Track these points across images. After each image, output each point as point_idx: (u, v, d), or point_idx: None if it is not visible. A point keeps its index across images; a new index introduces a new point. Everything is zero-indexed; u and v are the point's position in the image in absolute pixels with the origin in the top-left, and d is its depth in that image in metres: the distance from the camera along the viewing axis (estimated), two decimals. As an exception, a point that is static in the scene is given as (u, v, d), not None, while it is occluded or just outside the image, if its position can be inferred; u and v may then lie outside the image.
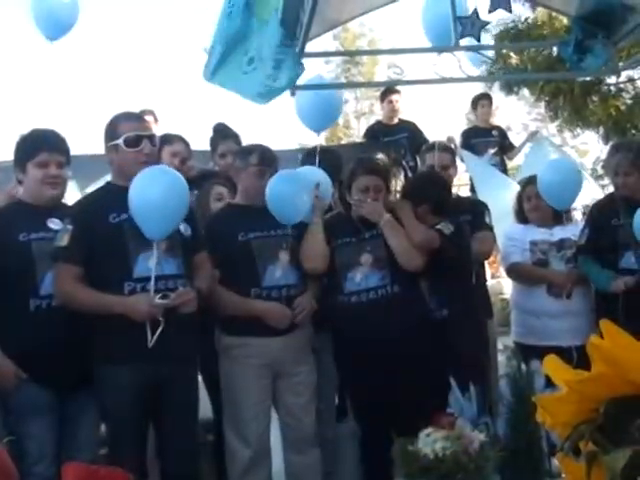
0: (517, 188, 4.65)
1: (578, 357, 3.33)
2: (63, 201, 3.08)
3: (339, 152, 4.61)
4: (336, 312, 3.39)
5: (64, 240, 2.80)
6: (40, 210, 2.93)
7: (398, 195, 3.90)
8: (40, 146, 2.92)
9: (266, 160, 3.37)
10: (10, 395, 2.76)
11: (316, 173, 3.66)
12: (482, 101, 6.78)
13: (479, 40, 4.24)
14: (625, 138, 7.25)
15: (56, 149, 2.95)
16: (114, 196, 2.89)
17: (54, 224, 2.91)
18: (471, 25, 3.98)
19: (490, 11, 3.97)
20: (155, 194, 2.76)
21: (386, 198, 3.53)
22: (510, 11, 4.19)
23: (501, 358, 3.53)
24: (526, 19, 9.22)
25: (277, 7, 3.24)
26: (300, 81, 3.37)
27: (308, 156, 4.03)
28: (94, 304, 2.79)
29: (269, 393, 3.29)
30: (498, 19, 6.59)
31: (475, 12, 3.97)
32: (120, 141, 2.88)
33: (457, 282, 3.48)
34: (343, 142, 15.64)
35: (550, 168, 4.06)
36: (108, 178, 3.12)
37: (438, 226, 3.43)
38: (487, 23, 4.11)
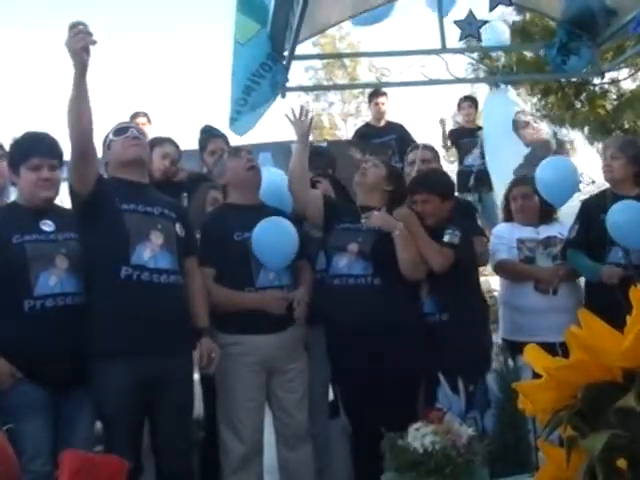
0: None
1: (562, 353, 3.38)
2: (57, 202, 3.12)
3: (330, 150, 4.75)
4: (321, 293, 3.45)
5: None
6: (33, 212, 2.97)
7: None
8: (33, 150, 2.96)
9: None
10: (5, 394, 2.78)
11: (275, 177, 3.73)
12: (464, 103, 6.89)
13: (480, 39, 4.29)
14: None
15: (49, 153, 2.99)
16: (115, 187, 3.00)
17: (47, 226, 2.95)
18: (469, 25, 4.03)
19: (491, 8, 4.01)
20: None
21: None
22: (511, 4, 4.23)
23: (489, 354, 3.58)
24: (513, 22, 9.32)
25: (256, 28, 3.34)
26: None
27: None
28: None
29: (263, 390, 3.33)
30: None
31: (470, 13, 4.02)
32: (110, 135, 3.08)
33: (461, 286, 3.51)
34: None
35: (548, 166, 4.12)
36: None
37: (446, 238, 3.45)
38: (485, 22, 4.15)
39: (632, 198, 3.77)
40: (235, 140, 4.07)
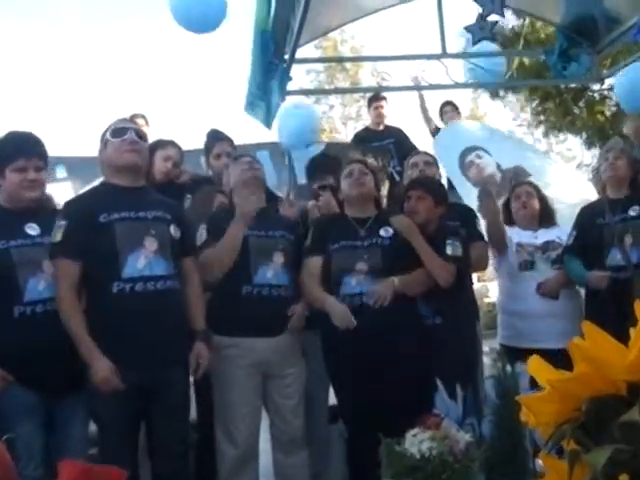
0: None
1: (561, 360, 3.39)
2: (54, 203, 3.09)
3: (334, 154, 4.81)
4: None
5: (58, 236, 2.80)
6: (18, 216, 2.90)
7: (385, 200, 3.94)
8: (18, 151, 2.90)
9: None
10: (-4, 398, 2.76)
11: None
12: (446, 107, 6.88)
13: (495, 40, 4.27)
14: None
15: (34, 153, 2.93)
16: (106, 195, 2.93)
17: (32, 229, 2.90)
18: (480, 29, 4.02)
19: (484, 17, 4.02)
20: None
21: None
22: (503, 15, 4.24)
23: (486, 360, 3.57)
24: (513, 27, 9.34)
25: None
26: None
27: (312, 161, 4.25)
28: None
29: (258, 394, 3.31)
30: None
31: (480, 16, 4.01)
32: (108, 134, 2.97)
33: (454, 290, 3.48)
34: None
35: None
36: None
37: (449, 250, 3.43)
38: (496, 22, 4.14)
39: (623, 200, 3.87)
40: (238, 139, 4.08)
